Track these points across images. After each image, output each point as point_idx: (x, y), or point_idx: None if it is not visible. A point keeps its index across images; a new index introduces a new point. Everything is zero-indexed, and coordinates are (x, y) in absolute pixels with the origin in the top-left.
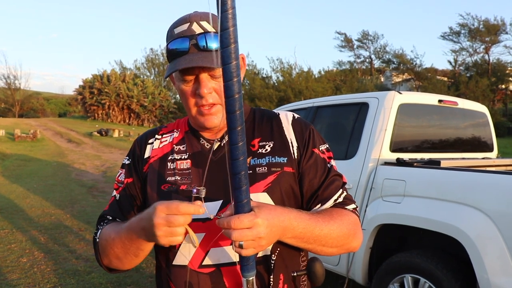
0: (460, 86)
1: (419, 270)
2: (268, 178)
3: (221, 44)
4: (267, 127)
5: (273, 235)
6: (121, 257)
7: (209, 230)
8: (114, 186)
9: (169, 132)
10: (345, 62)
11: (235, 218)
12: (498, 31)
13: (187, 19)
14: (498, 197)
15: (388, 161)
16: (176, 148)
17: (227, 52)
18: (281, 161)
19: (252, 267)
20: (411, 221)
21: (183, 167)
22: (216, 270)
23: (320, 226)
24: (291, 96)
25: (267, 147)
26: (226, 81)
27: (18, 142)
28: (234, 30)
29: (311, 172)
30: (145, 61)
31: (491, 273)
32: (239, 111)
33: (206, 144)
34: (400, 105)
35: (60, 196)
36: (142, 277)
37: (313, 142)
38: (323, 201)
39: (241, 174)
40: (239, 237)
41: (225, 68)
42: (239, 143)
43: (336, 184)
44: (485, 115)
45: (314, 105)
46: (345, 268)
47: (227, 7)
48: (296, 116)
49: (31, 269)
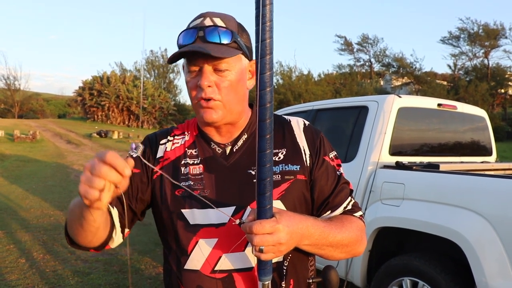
0: (459, 90)
1: (417, 273)
2: (281, 186)
3: (259, 55)
4: (279, 133)
5: (293, 241)
6: (72, 226)
7: (221, 235)
8: None
9: (181, 134)
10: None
11: (257, 224)
12: (497, 35)
13: (203, 14)
14: (496, 201)
15: (387, 164)
16: (189, 152)
17: (263, 63)
18: (294, 169)
19: (269, 271)
20: (410, 224)
21: (196, 172)
22: (228, 275)
23: (334, 233)
24: (291, 99)
25: (280, 154)
26: (260, 90)
27: (18, 143)
28: (271, 42)
29: (322, 180)
30: (145, 63)
31: (490, 276)
32: (269, 120)
33: (217, 149)
34: (400, 108)
35: (59, 197)
36: (141, 278)
37: (324, 150)
38: (333, 208)
39: (266, 181)
40: (260, 242)
41: (260, 77)
42: (267, 151)
43: (346, 192)
44: (484, 119)
45: (313, 108)
46: (344, 270)
47: (266, 20)
48: (307, 123)
49: (30, 270)
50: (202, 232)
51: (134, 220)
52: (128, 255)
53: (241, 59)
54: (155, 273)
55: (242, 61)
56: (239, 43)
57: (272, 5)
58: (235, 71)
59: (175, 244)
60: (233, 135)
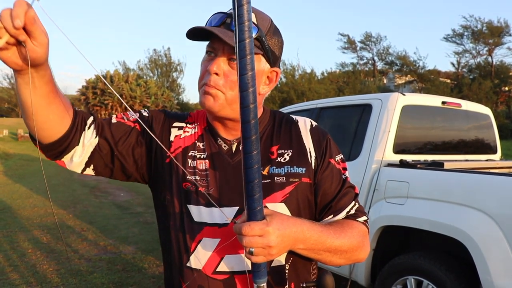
0: (463, 88)
1: (422, 272)
2: (286, 189)
3: (238, 55)
4: (286, 133)
5: (284, 244)
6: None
7: (225, 235)
8: (117, 115)
9: (193, 123)
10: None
11: (246, 225)
12: (501, 33)
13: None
14: (502, 199)
15: (391, 162)
16: (197, 144)
17: (243, 63)
18: (300, 172)
19: (263, 274)
20: (414, 222)
21: (202, 168)
22: (230, 277)
23: (332, 239)
24: (294, 97)
25: (286, 155)
26: (241, 91)
27: (21, 142)
28: (250, 42)
29: (327, 183)
30: (148, 62)
31: (495, 275)
32: (253, 121)
33: (224, 145)
34: (404, 106)
35: (63, 196)
36: (144, 277)
37: (330, 152)
38: (335, 212)
39: (254, 183)
40: (249, 244)
41: (241, 78)
42: (253, 152)
43: (350, 196)
44: (489, 117)
45: (317, 107)
46: (347, 269)
47: (243, 19)
48: (314, 123)
49: (33, 268)
50: (206, 230)
51: (106, 157)
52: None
53: (260, 60)
54: (159, 272)
55: (261, 63)
56: (262, 43)
57: (249, 4)
58: None
59: (176, 238)
60: (239, 133)
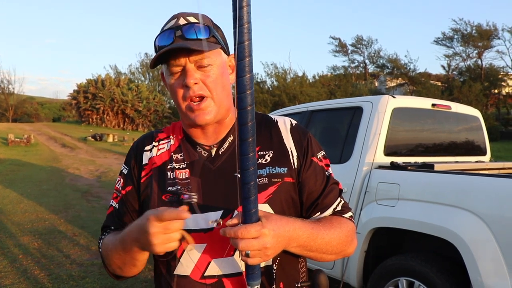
0: (453, 90)
1: (413, 273)
2: (269, 189)
3: (237, 57)
4: (266, 135)
5: (279, 245)
6: (120, 267)
7: (211, 240)
8: (113, 195)
9: (166, 138)
10: (339, 67)
11: (242, 228)
12: (490, 36)
13: (175, 16)
14: (491, 200)
15: (382, 164)
16: (174, 156)
17: (242, 65)
18: (282, 172)
19: (257, 275)
20: (405, 224)
21: (183, 177)
22: (218, 281)
23: (322, 235)
24: (286, 100)
25: (267, 156)
26: (239, 93)
27: (12, 147)
28: (249, 44)
29: (311, 181)
30: (140, 66)
31: (485, 275)
32: (251, 123)
33: (203, 152)
34: (394, 109)
35: (54, 201)
36: (137, 281)
37: (311, 150)
38: (322, 210)
39: (250, 184)
40: (246, 247)
41: (239, 80)
42: (250, 154)
43: (335, 193)
44: (478, 119)
45: (308, 110)
46: (340, 271)
47: (243, 22)
48: (294, 122)
49: (25, 274)
50: (192, 237)
51: None
52: None
53: (221, 53)
54: (151, 276)
55: (222, 56)
56: (217, 37)
57: (249, 6)
58: (218, 65)
59: None
60: (219, 136)
